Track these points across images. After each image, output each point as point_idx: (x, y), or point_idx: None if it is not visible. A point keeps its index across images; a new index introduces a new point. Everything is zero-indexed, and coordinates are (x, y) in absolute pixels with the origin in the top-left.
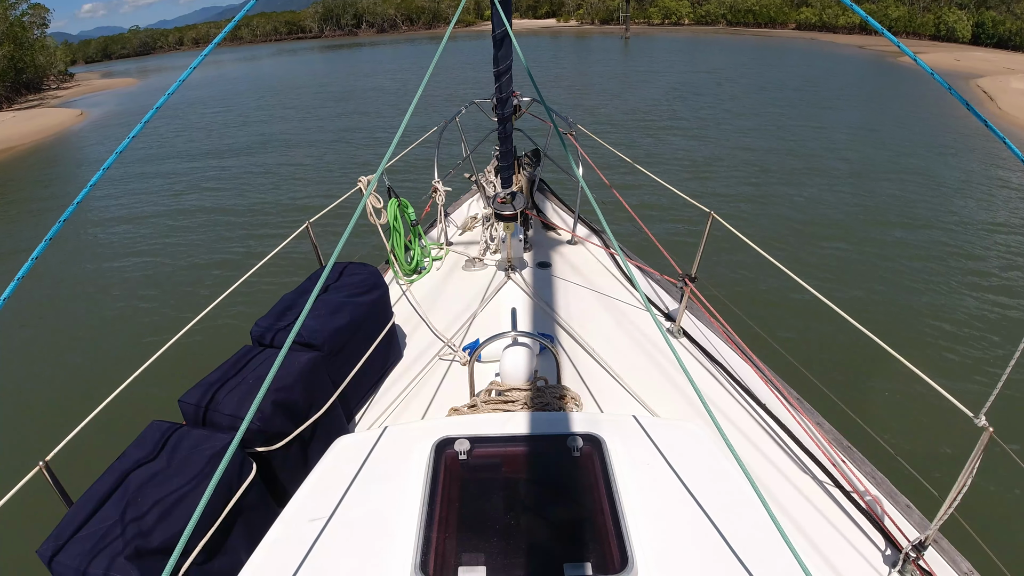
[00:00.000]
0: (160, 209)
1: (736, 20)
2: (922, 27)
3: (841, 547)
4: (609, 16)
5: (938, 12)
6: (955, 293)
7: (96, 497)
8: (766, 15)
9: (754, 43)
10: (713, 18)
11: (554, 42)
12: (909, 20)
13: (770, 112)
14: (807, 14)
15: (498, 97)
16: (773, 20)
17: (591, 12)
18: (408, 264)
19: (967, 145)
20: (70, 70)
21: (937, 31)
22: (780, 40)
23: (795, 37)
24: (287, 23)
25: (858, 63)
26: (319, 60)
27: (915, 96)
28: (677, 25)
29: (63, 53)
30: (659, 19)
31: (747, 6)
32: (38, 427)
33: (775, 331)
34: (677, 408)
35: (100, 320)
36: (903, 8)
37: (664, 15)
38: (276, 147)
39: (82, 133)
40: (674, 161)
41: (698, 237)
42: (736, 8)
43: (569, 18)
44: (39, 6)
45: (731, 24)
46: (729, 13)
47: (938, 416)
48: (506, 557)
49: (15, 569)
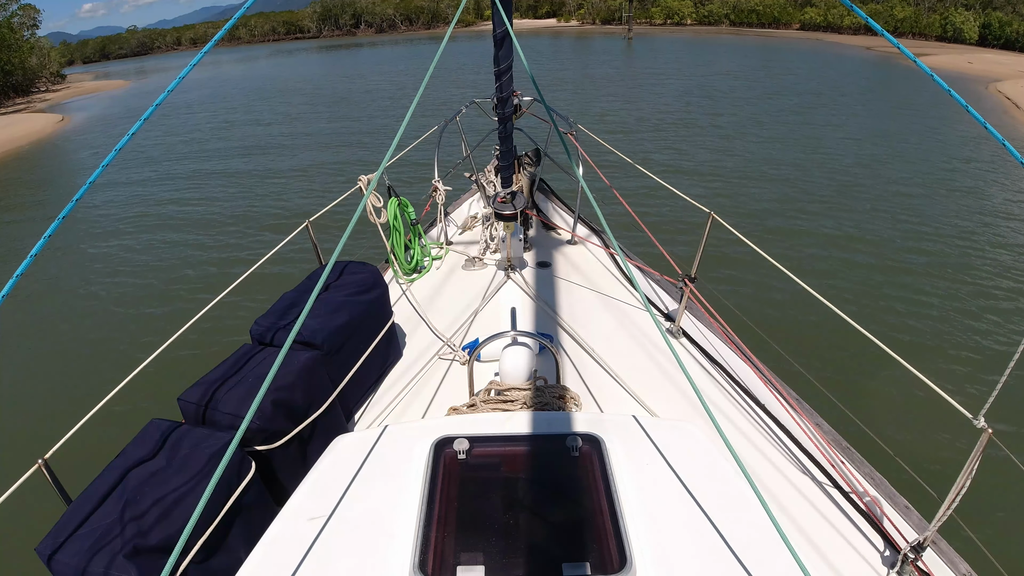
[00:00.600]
0: (158, 209)
1: (739, 20)
2: (928, 28)
3: (840, 548)
4: (610, 16)
5: (944, 13)
6: (954, 294)
7: (95, 495)
8: (770, 15)
9: (759, 44)
10: (716, 18)
11: (555, 43)
12: (915, 21)
13: (793, 120)
14: (811, 14)
15: (498, 97)
16: (777, 20)
17: (592, 12)
18: (408, 263)
19: (977, 154)
20: (65, 71)
21: (944, 32)
22: (785, 41)
23: (800, 38)
24: (285, 23)
25: (869, 65)
26: (315, 62)
27: (943, 103)
28: (679, 25)
29: (58, 54)
30: (661, 19)
31: (751, 6)
32: (37, 425)
33: (775, 332)
34: (676, 408)
35: (99, 318)
36: (909, 9)
37: (666, 15)
38: (273, 150)
39: (60, 141)
40: (696, 175)
41: (698, 237)
42: (740, 8)
43: (570, 18)
44: (29, 7)
45: (734, 24)
46: (732, 13)
47: (937, 417)
48: (505, 556)
49: (14, 567)
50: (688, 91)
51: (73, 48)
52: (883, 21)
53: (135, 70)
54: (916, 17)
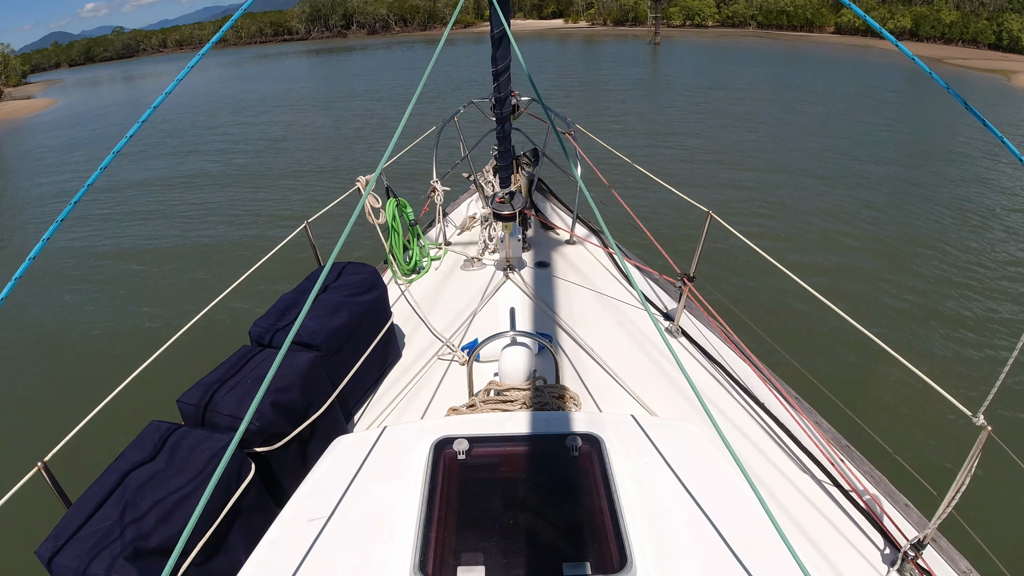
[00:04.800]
0: (158, 209)
1: (768, 22)
2: (980, 35)
3: (840, 546)
4: (623, 16)
5: (999, 19)
6: (954, 292)
7: (95, 497)
8: (802, 17)
9: (807, 50)
10: (741, 19)
11: (562, 47)
12: (964, 26)
13: (797, 121)
14: (849, 17)
15: (496, 97)
16: (810, 23)
17: (603, 12)
18: (407, 264)
19: (977, 150)
20: (29, 79)
21: (998, 40)
22: (825, 47)
23: (836, 43)
24: (272, 24)
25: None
26: (302, 66)
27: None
28: (700, 27)
29: (20, 62)
30: (680, 20)
31: (780, 7)
32: (37, 427)
33: (774, 330)
34: (675, 407)
35: (99, 319)
36: (956, 13)
37: (686, 16)
38: (268, 154)
39: None
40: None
41: (696, 237)
42: (767, 9)
43: (578, 18)
44: None
45: (762, 26)
46: (760, 14)
47: (937, 415)
48: (505, 556)
49: (14, 570)
50: (768, 123)
51: (60, 50)
52: (929, 26)
53: (107, 78)
54: (965, 22)
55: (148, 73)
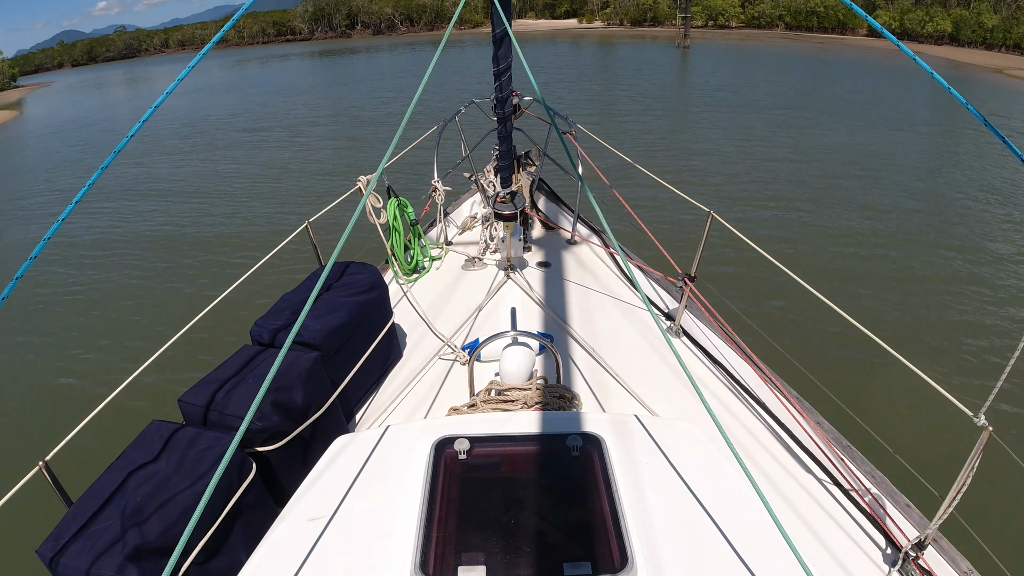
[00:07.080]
0: (157, 209)
1: (796, 23)
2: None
3: (841, 546)
4: (641, 16)
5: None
6: (955, 292)
7: (96, 497)
8: (833, 18)
9: (850, 55)
10: (768, 20)
11: (576, 50)
12: (1006, 31)
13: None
14: (884, 18)
15: (497, 96)
16: (842, 25)
17: (620, 11)
18: (408, 264)
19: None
20: (19, 81)
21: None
22: (862, 52)
23: (870, 47)
24: (275, 23)
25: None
26: (306, 68)
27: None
28: (724, 28)
29: (8, 65)
30: (702, 20)
31: (809, 7)
32: (38, 427)
33: (775, 331)
34: (676, 407)
35: (99, 319)
36: (996, 17)
37: (708, 16)
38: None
39: None
40: None
41: (698, 236)
42: (796, 10)
43: (593, 18)
44: None
45: (790, 28)
46: (788, 15)
47: (938, 415)
48: (506, 556)
49: (15, 569)
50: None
51: (64, 50)
52: (970, 30)
53: (80, 84)
54: (1007, 26)
55: (140, 77)
